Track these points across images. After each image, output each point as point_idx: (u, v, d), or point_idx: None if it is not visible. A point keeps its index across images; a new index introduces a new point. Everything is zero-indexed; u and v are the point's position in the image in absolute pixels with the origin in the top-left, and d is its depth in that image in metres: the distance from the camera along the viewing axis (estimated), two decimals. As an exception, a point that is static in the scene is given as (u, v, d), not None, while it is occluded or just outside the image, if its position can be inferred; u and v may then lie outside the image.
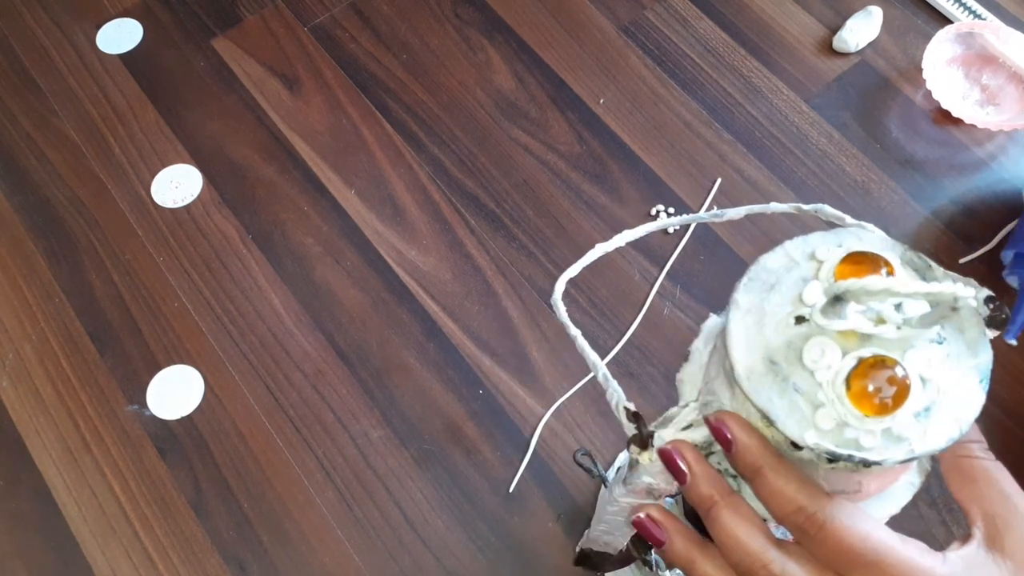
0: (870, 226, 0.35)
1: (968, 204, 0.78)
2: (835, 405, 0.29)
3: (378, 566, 0.65)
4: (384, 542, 0.66)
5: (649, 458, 0.34)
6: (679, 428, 0.34)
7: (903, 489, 0.35)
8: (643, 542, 0.48)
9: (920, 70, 0.82)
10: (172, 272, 0.76)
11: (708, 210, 0.79)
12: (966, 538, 0.32)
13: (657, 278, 0.75)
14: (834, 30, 0.88)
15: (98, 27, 0.89)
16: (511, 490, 0.67)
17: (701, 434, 0.33)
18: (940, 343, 0.30)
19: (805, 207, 0.36)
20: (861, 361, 0.29)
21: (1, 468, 0.68)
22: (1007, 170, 0.80)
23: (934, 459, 0.35)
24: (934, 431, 0.29)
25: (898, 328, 0.29)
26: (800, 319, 0.30)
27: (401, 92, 0.85)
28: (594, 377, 0.71)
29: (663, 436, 0.34)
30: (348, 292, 0.75)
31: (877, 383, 0.29)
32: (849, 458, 0.29)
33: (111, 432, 0.70)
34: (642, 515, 0.35)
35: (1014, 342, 0.34)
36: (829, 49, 0.87)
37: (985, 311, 0.32)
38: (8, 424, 0.70)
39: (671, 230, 0.77)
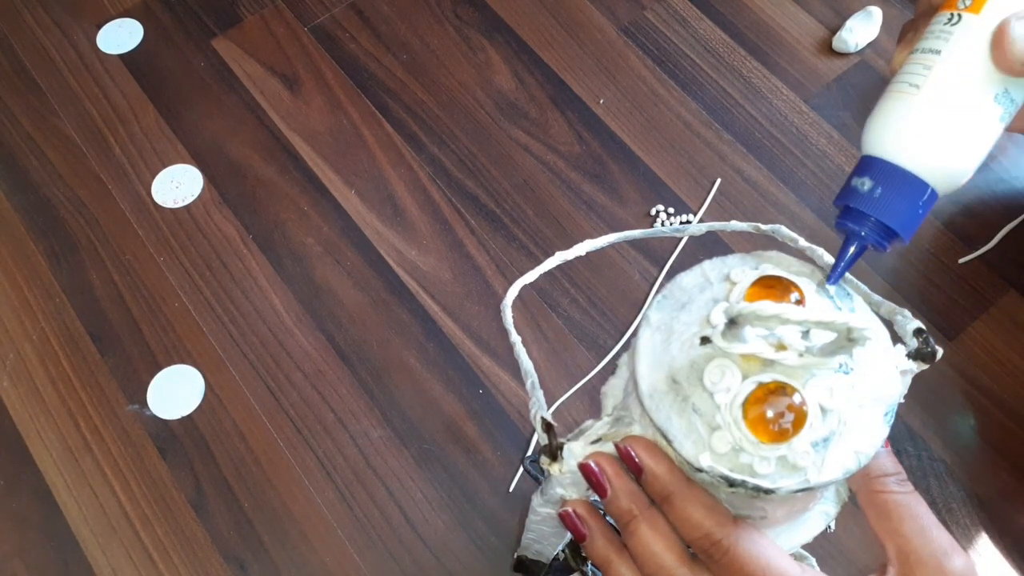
0: (820, 250, 0.35)
1: (967, 204, 0.78)
2: (731, 429, 0.29)
3: (378, 565, 0.65)
4: (384, 541, 0.66)
5: (559, 469, 0.34)
6: (589, 441, 0.33)
7: (816, 518, 0.35)
8: (579, 553, 0.48)
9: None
10: (172, 272, 0.76)
11: (707, 209, 0.79)
12: (881, 573, 0.32)
13: (657, 278, 0.75)
14: (834, 30, 0.88)
15: (98, 27, 0.89)
16: (511, 489, 0.68)
17: (611, 448, 0.33)
18: (846, 373, 0.29)
19: (763, 227, 0.36)
20: (760, 386, 0.29)
21: (1, 468, 0.69)
22: (1006, 170, 0.80)
23: (851, 491, 0.34)
24: (831, 462, 0.29)
25: (800, 355, 0.29)
26: (705, 340, 0.30)
27: (401, 92, 0.86)
28: (594, 377, 0.71)
29: (572, 449, 0.33)
30: (348, 292, 0.75)
31: (774, 409, 0.28)
32: (743, 484, 0.28)
33: (112, 432, 0.70)
34: (569, 509, 0.35)
35: (833, 287, 0.33)
36: (829, 49, 0.87)
37: (914, 343, 0.32)
38: (9, 424, 0.70)
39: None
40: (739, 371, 0.29)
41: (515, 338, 0.36)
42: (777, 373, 0.29)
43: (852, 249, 0.32)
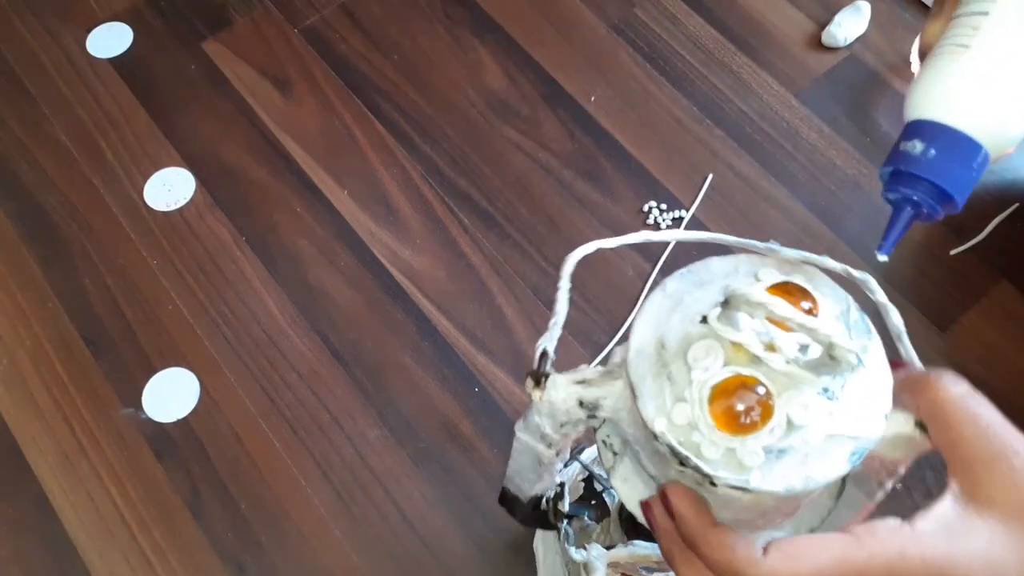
0: (870, 280, 0.34)
1: (958, 196, 0.79)
2: (694, 405, 0.29)
3: (377, 565, 0.65)
4: (382, 541, 0.66)
5: (540, 396, 0.35)
6: (573, 380, 0.35)
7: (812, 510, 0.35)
8: (560, 510, 0.49)
9: (909, 64, 0.83)
10: (166, 275, 0.76)
11: (700, 205, 0.79)
12: (942, 493, 0.29)
13: (651, 273, 0.76)
14: (823, 25, 0.88)
15: (88, 32, 0.89)
16: (508, 487, 0.68)
17: (592, 393, 0.34)
18: (829, 399, 0.29)
19: (759, 244, 0.36)
20: (736, 376, 0.29)
21: (-3, 474, 0.68)
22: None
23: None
24: (778, 474, 0.29)
25: (787, 362, 0.29)
26: (705, 320, 0.30)
27: (392, 92, 0.86)
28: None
29: (556, 380, 0.35)
30: (342, 293, 0.75)
31: (741, 403, 0.29)
32: (685, 460, 0.29)
33: (107, 436, 0.70)
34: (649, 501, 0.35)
35: (885, 258, 0.32)
36: (818, 44, 0.88)
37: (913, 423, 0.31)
38: (3, 429, 0.70)
39: (663, 226, 0.78)
40: (723, 357, 0.30)
41: (566, 284, 0.38)
42: (760, 372, 0.29)
43: (905, 216, 0.31)
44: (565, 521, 0.51)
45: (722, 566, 0.30)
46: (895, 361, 0.32)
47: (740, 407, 0.29)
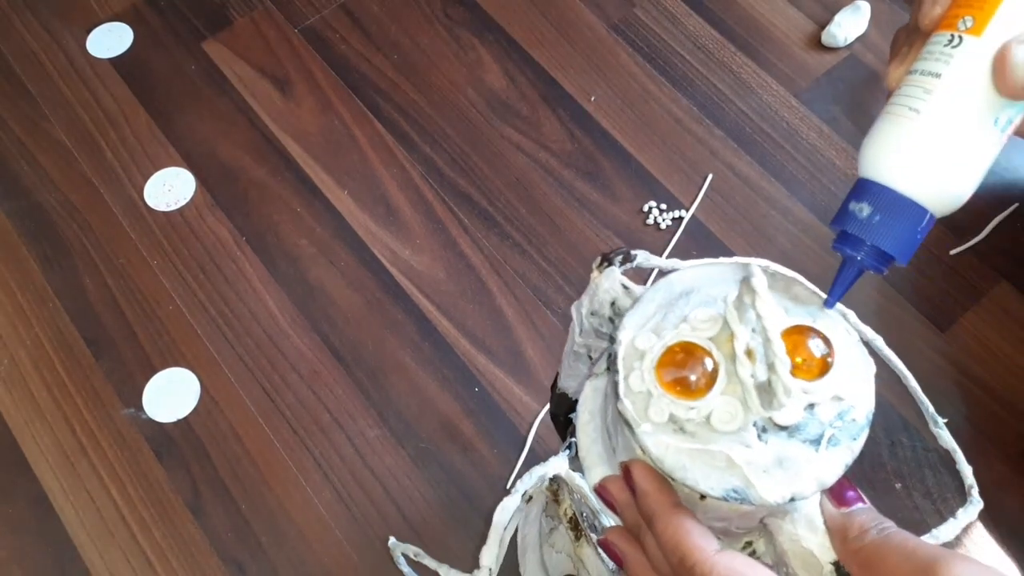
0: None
1: (958, 196, 0.79)
2: (646, 365, 0.31)
3: (377, 565, 0.65)
4: (383, 541, 0.66)
5: (595, 275, 0.38)
6: (621, 282, 0.37)
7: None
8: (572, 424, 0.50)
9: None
10: (166, 275, 0.76)
11: (699, 205, 0.79)
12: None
13: (651, 273, 0.76)
14: (822, 25, 0.88)
15: (88, 31, 0.89)
16: (508, 487, 0.68)
17: (624, 302, 0.37)
18: (788, 435, 0.30)
19: (759, 262, 0.36)
20: (685, 341, 0.31)
21: (-3, 474, 0.68)
22: (996, 162, 0.81)
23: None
24: (696, 466, 0.30)
25: (751, 375, 0.30)
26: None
27: (392, 92, 0.86)
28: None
29: (612, 272, 0.37)
30: (342, 293, 0.75)
31: (683, 363, 0.30)
32: (630, 424, 0.31)
33: (107, 436, 0.70)
34: (608, 538, 0.35)
35: (831, 311, 0.33)
36: (818, 44, 0.88)
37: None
38: (4, 429, 0.70)
39: (663, 225, 0.78)
40: (714, 333, 0.31)
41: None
42: (721, 355, 0.31)
43: (851, 272, 0.32)
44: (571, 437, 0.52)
45: (670, 546, 0.30)
46: (848, 488, 0.32)
47: (683, 370, 0.30)
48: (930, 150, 0.30)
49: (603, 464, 0.36)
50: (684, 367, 0.30)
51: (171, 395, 0.71)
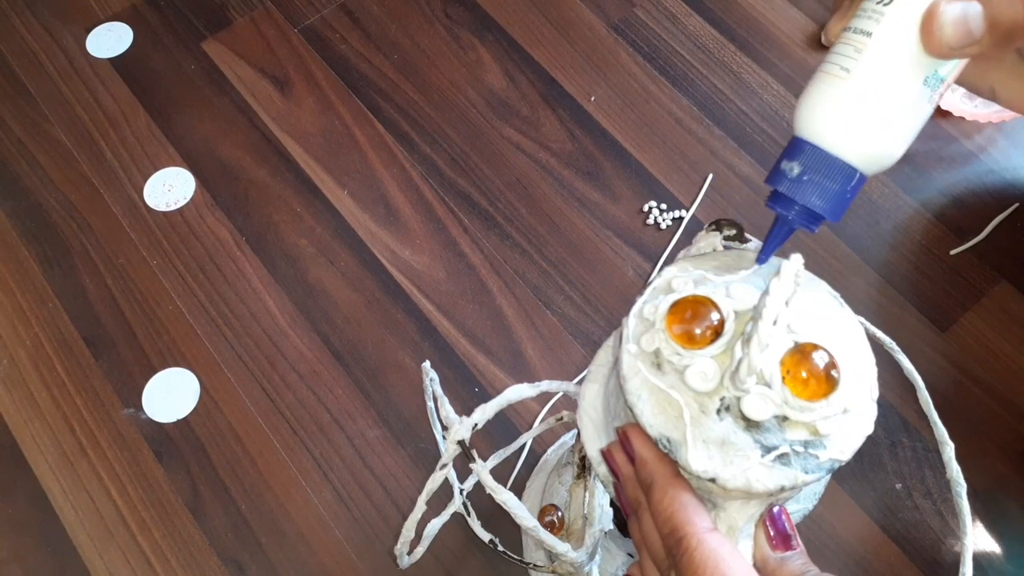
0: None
1: (958, 196, 0.79)
2: (657, 319, 0.33)
3: (377, 565, 0.65)
4: (383, 542, 0.66)
5: (705, 232, 0.39)
6: (721, 243, 0.38)
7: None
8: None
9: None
10: (166, 275, 0.76)
11: (700, 205, 0.79)
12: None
13: (651, 273, 0.76)
14: (822, 24, 0.88)
15: (88, 31, 0.89)
16: (508, 487, 0.67)
17: (709, 263, 0.36)
18: (765, 451, 0.31)
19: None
20: (693, 296, 0.32)
21: (-3, 474, 0.68)
22: (996, 162, 0.81)
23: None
24: (717, 460, 0.31)
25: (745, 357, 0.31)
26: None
27: (392, 92, 0.86)
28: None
29: (714, 237, 0.38)
30: (342, 293, 0.75)
31: (691, 315, 0.32)
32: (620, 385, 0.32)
33: (107, 436, 0.70)
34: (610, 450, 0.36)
35: (761, 266, 0.34)
36: (818, 44, 0.88)
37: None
38: (3, 429, 0.70)
39: (663, 225, 0.78)
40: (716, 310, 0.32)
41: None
42: (720, 365, 0.31)
43: (783, 230, 0.33)
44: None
45: (664, 516, 0.31)
46: (792, 534, 0.32)
47: (691, 320, 0.32)
48: (859, 110, 0.30)
49: (602, 434, 0.37)
50: (693, 317, 0.32)
51: (171, 395, 0.71)
